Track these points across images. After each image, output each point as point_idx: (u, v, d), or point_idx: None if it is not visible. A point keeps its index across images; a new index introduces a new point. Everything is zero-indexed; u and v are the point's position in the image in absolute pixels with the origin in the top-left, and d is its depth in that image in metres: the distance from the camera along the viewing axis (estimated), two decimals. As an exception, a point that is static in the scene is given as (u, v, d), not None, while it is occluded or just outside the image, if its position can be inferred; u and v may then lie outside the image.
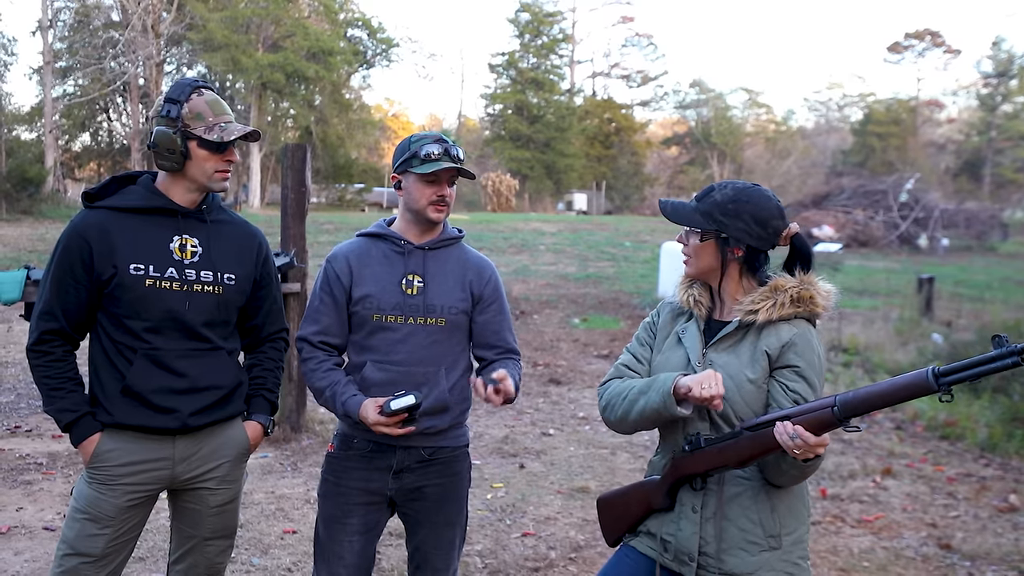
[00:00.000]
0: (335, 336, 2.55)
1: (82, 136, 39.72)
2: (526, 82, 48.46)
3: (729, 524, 2.05)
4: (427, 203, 2.48)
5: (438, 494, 2.55)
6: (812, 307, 2.07)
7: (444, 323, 2.50)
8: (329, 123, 38.72)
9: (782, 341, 2.03)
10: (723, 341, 2.10)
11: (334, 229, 21.53)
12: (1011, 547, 4.46)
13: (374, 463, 2.51)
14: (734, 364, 2.05)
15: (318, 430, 6.18)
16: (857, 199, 28.03)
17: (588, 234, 25.22)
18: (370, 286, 2.50)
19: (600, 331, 11.28)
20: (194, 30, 34.31)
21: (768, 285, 2.10)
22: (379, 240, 2.57)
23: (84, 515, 2.32)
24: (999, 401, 7.19)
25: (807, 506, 2.16)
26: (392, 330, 2.48)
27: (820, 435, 1.88)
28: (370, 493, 2.52)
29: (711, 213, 2.10)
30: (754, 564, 2.04)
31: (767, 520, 2.05)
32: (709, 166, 52.50)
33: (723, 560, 2.05)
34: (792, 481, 2.05)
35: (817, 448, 1.88)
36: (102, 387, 2.33)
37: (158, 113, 2.33)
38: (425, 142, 2.46)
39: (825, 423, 1.90)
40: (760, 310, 2.05)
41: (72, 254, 2.29)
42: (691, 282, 2.21)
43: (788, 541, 2.07)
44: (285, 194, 6.09)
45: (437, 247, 2.56)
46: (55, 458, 5.45)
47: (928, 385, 1.82)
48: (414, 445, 2.50)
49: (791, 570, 2.07)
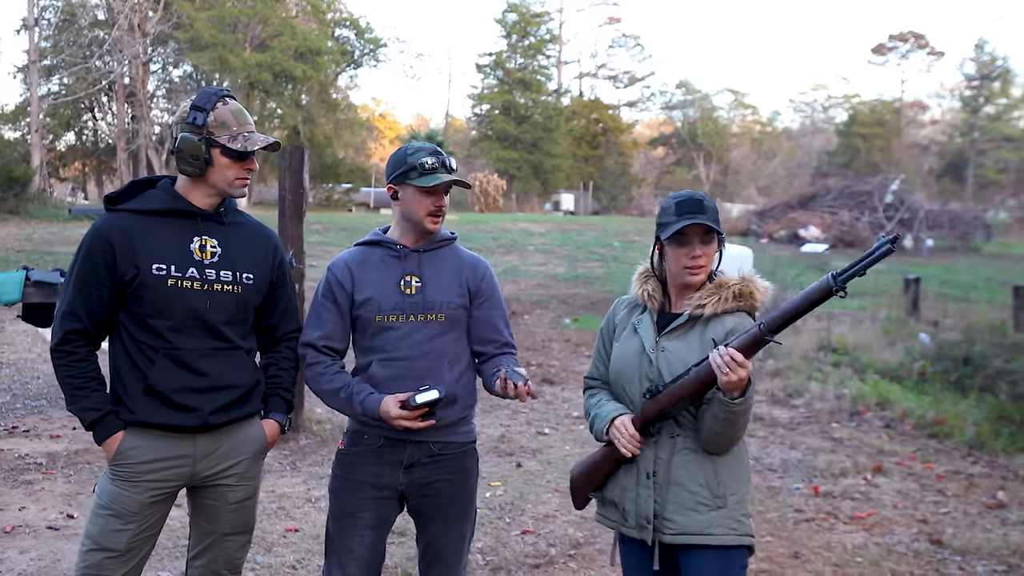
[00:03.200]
0: (338, 341, 2.63)
1: (67, 135, 39.52)
2: (513, 82, 48.50)
3: (680, 488, 2.31)
4: (425, 214, 2.56)
5: (448, 489, 2.61)
6: (752, 301, 2.37)
7: (444, 319, 2.58)
8: (317, 123, 38.67)
9: (726, 329, 2.31)
10: (675, 331, 2.37)
11: (323, 229, 21.53)
12: (1000, 542, 4.56)
13: (384, 458, 2.57)
14: (683, 349, 2.34)
15: (315, 429, 6.22)
16: (843, 200, 28.22)
17: (577, 234, 25.32)
18: (371, 290, 2.57)
19: (591, 331, 11.35)
20: (181, 29, 34.18)
21: (714, 282, 2.39)
22: (376, 247, 2.66)
23: (108, 511, 2.37)
24: (986, 400, 7.31)
25: (747, 469, 2.44)
26: (394, 329, 2.56)
27: (750, 355, 2.16)
28: (381, 488, 2.58)
29: (716, 219, 2.37)
30: (704, 522, 2.30)
31: (712, 483, 2.31)
32: (696, 167, 52.72)
33: (676, 521, 2.31)
34: (724, 439, 2.29)
35: (740, 369, 2.13)
36: (124, 386, 2.39)
37: (183, 119, 2.40)
38: (422, 154, 2.54)
39: (754, 340, 2.17)
40: (707, 304, 2.34)
41: (95, 256, 2.35)
42: (646, 278, 2.49)
43: (732, 501, 2.34)
44: (283, 195, 6.13)
45: (431, 249, 2.64)
46: (54, 458, 5.48)
47: (830, 287, 2.12)
48: (424, 440, 2.56)
49: (735, 526, 2.33)
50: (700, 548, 2.30)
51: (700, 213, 2.32)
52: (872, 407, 7.47)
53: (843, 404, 7.50)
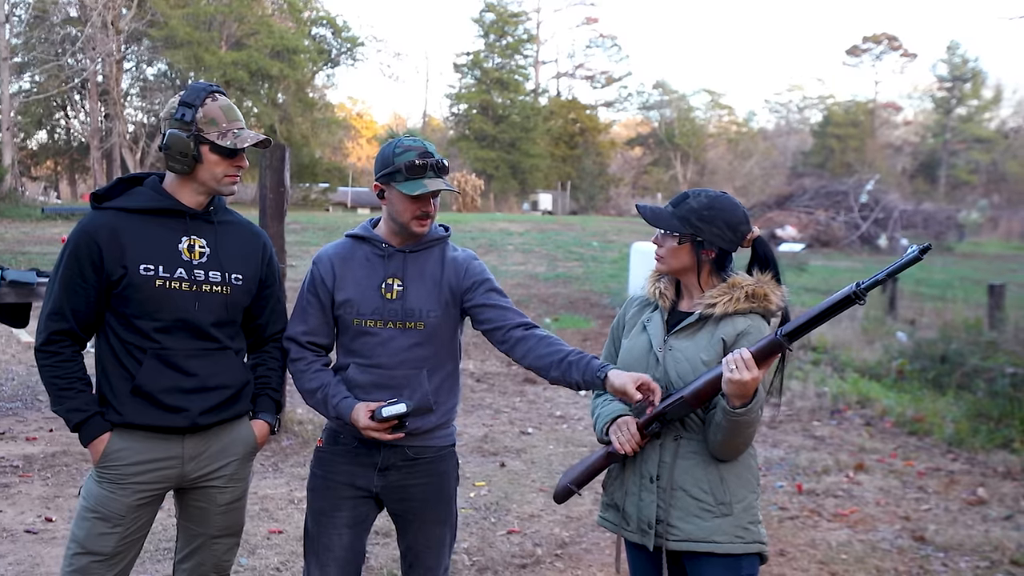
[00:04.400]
0: (322, 336, 2.57)
1: (39, 134, 38.98)
2: (491, 82, 48.45)
3: (683, 494, 2.26)
4: (411, 218, 2.47)
5: (424, 493, 2.56)
6: (766, 303, 2.31)
7: (423, 327, 2.49)
8: (293, 122, 38.38)
9: (737, 330, 2.27)
10: (684, 330, 2.33)
11: (300, 228, 21.42)
12: (982, 538, 4.60)
13: (359, 459, 2.53)
14: (692, 348, 2.30)
15: (297, 430, 6.16)
16: (819, 200, 28.49)
17: (556, 234, 25.31)
18: (351, 291, 2.51)
19: (572, 331, 11.36)
20: (155, 27, 33.80)
21: (727, 282, 2.34)
22: (363, 243, 2.57)
23: (94, 514, 2.32)
24: (963, 397, 7.40)
25: (757, 477, 2.36)
26: (372, 335, 2.49)
27: (765, 361, 2.12)
28: (357, 488, 2.54)
29: (688, 218, 2.32)
30: (708, 529, 2.24)
31: (718, 490, 2.26)
32: (673, 167, 52.93)
33: (679, 527, 2.26)
34: (729, 448, 2.24)
35: (747, 371, 2.08)
36: (111, 387, 2.33)
37: (171, 116, 2.33)
38: (410, 155, 2.42)
39: (771, 346, 2.13)
40: (718, 303, 2.29)
41: (82, 255, 2.29)
42: (659, 277, 2.45)
43: (739, 508, 2.27)
44: (264, 194, 6.07)
45: (418, 249, 2.55)
46: (31, 461, 5.39)
47: (852, 295, 2.06)
48: (399, 444, 2.50)
49: (741, 534, 2.26)
50: (706, 555, 2.26)
51: (674, 206, 2.35)
52: (852, 405, 7.54)
53: (824, 402, 7.56)
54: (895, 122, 58.94)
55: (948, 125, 52.23)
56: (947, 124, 52.30)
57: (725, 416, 2.15)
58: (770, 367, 2.21)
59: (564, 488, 2.49)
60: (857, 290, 2.05)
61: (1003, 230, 35.12)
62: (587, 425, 6.82)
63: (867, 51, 57.74)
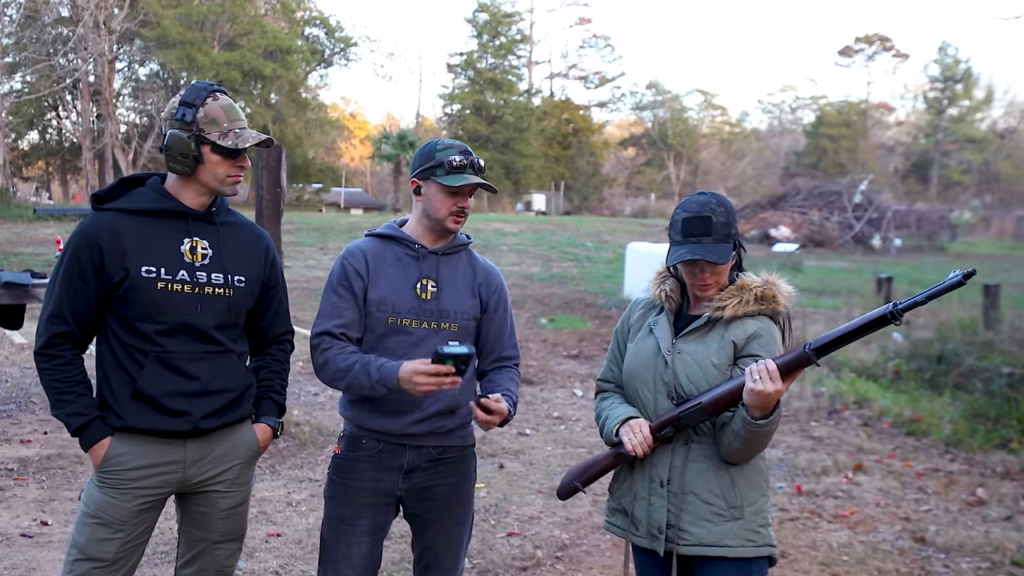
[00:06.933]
0: (356, 330, 2.50)
1: (30, 134, 38.83)
2: (484, 82, 48.48)
3: (694, 498, 2.24)
4: (447, 213, 2.47)
5: (448, 493, 2.56)
6: (774, 305, 2.28)
7: (456, 328, 2.51)
8: (287, 122, 38.33)
9: (748, 333, 2.25)
10: (692, 332, 2.29)
11: (294, 229, 21.34)
12: (982, 539, 4.59)
13: (384, 463, 2.51)
14: (701, 351, 2.26)
15: (294, 432, 6.13)
16: (812, 200, 28.56)
17: (550, 234, 25.31)
18: (385, 288, 2.49)
19: (568, 331, 11.34)
20: (147, 27, 33.73)
21: (735, 284, 2.30)
22: (392, 242, 2.56)
23: (95, 519, 2.28)
24: (960, 397, 7.40)
25: (766, 480, 2.34)
26: (407, 333, 2.48)
27: (790, 374, 2.09)
28: (380, 494, 2.52)
29: (728, 233, 2.25)
30: (719, 533, 2.22)
31: (729, 493, 2.24)
32: (666, 167, 53.04)
33: (691, 532, 2.23)
34: (743, 455, 2.22)
35: (769, 382, 2.06)
36: (112, 390, 2.30)
37: (172, 116, 2.29)
38: (451, 152, 2.45)
39: (798, 360, 2.10)
40: (727, 306, 2.26)
41: (83, 256, 2.25)
42: (664, 278, 2.40)
43: (750, 511, 2.25)
44: (260, 195, 6.04)
45: (449, 252, 2.56)
46: (26, 463, 5.34)
47: (888, 315, 2.02)
48: (424, 444, 2.51)
49: (752, 537, 2.24)
50: (717, 560, 2.23)
51: (706, 235, 2.21)
52: (850, 405, 7.53)
53: (821, 403, 7.55)
54: (887, 122, 59.22)
55: (940, 125, 52.45)
56: (939, 124, 52.52)
57: (744, 426, 2.12)
58: (794, 380, 2.17)
59: (569, 485, 2.46)
60: (894, 310, 2.01)
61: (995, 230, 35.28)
62: (585, 426, 6.81)
63: (859, 52, 58.00)
